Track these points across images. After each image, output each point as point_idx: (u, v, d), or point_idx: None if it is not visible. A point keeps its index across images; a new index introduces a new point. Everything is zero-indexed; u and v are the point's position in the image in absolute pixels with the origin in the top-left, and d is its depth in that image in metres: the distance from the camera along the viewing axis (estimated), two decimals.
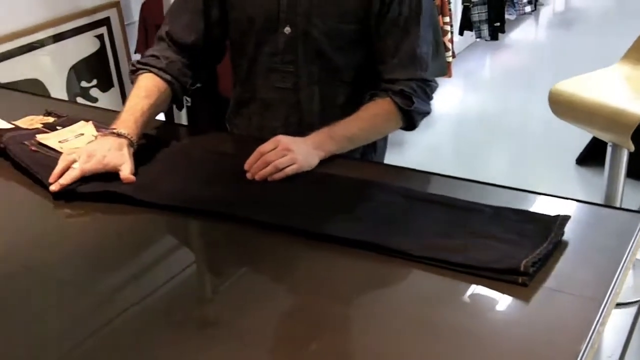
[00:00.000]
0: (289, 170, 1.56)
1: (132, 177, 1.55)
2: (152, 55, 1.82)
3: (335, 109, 1.82)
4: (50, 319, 1.20)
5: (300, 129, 1.76)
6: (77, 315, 1.21)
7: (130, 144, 1.63)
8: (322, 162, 1.63)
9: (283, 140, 1.61)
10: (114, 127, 1.65)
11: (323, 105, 1.83)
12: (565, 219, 1.34)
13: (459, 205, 1.40)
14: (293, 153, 1.58)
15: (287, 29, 1.77)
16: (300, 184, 1.55)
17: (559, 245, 1.29)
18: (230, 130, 1.99)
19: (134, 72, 1.82)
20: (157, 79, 1.79)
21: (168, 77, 1.80)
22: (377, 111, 1.76)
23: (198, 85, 1.91)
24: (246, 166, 1.58)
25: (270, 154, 1.58)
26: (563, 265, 1.26)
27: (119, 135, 1.63)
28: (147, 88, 1.77)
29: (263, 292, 1.26)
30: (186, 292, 1.31)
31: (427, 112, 1.80)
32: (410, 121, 1.77)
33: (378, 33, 1.77)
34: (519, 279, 1.19)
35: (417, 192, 1.45)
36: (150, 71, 1.79)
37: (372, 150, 1.90)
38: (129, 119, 1.68)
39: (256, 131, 1.89)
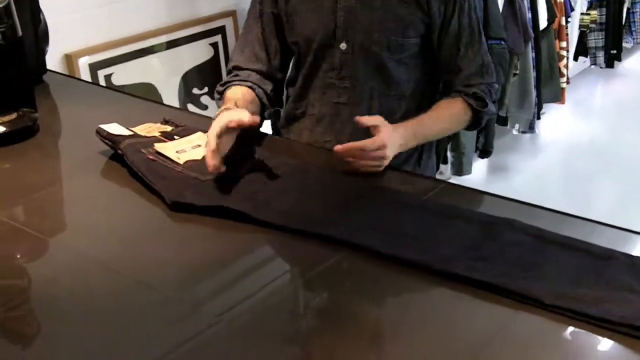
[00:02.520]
0: (365, 170, 1.62)
1: (251, 120, 1.57)
2: (232, 76, 1.93)
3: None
4: (153, 332, 1.18)
5: None
6: (179, 330, 1.18)
7: None
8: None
9: (387, 146, 1.62)
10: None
11: None
12: None
13: (593, 251, 1.30)
14: (384, 160, 1.63)
15: (343, 45, 1.83)
16: (416, 211, 1.49)
17: None
18: None
19: (220, 98, 1.90)
20: (242, 87, 1.87)
21: (249, 84, 1.89)
22: (454, 111, 1.84)
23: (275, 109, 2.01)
24: (339, 148, 1.60)
25: (365, 155, 1.60)
26: None
27: (221, 112, 1.67)
28: (234, 94, 1.84)
29: (368, 324, 1.21)
30: (288, 310, 1.28)
31: (494, 113, 1.96)
32: (478, 122, 1.88)
33: (442, 46, 1.84)
34: None
35: (548, 233, 1.36)
36: (232, 86, 1.88)
37: (416, 166, 1.95)
38: (225, 104, 1.75)
39: (306, 144, 1.94)
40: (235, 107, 1.70)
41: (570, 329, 1.15)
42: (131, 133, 1.74)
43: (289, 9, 1.88)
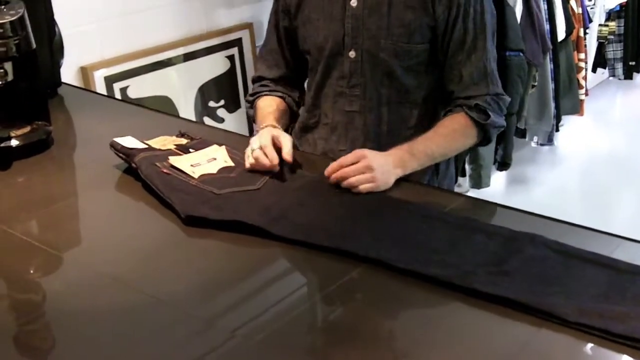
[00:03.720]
0: (363, 189, 1.58)
1: (290, 159, 1.67)
2: (260, 86, 2.00)
3: (407, 131, 1.84)
4: (167, 348, 1.15)
5: None
6: (194, 345, 1.15)
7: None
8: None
9: (367, 155, 1.61)
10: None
11: (392, 127, 1.85)
12: None
13: (618, 266, 1.27)
14: (373, 172, 1.59)
15: (352, 53, 1.82)
16: (436, 225, 1.46)
17: None
18: None
19: (251, 106, 2.00)
20: (272, 97, 1.95)
21: (279, 93, 1.96)
22: (454, 126, 1.79)
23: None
24: (326, 173, 1.61)
25: (349, 169, 1.59)
26: None
27: (266, 127, 1.78)
28: (265, 104, 1.93)
29: (386, 340, 1.18)
30: (305, 325, 1.25)
31: (502, 126, 1.84)
32: (485, 135, 1.82)
33: (446, 52, 1.81)
34: None
35: (571, 248, 1.32)
36: (262, 95, 1.96)
37: (434, 175, 1.91)
38: (266, 119, 1.84)
39: (321, 155, 1.93)
40: (278, 128, 1.79)
41: (595, 346, 1.11)
42: (145, 146, 1.72)
43: (303, 17, 1.88)
